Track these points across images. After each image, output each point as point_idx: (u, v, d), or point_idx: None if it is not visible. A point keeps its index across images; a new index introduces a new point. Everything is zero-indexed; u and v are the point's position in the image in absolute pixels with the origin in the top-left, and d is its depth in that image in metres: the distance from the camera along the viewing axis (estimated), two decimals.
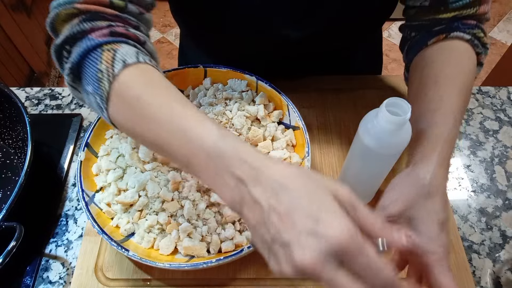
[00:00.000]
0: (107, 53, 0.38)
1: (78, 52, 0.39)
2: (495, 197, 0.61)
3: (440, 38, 0.51)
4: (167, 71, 0.62)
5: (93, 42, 0.38)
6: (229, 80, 0.62)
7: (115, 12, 0.42)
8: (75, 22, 0.39)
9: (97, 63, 0.38)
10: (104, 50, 0.39)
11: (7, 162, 0.64)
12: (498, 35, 2.16)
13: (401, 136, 0.43)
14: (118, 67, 0.38)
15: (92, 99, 0.39)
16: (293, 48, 0.62)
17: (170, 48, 2.11)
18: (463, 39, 0.50)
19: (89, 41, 0.39)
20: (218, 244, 0.50)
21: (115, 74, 0.37)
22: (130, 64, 0.38)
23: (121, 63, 0.38)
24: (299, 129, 0.56)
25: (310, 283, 0.52)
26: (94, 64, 0.38)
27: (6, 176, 0.62)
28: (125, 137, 0.58)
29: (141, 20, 0.45)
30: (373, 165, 0.48)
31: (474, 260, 0.55)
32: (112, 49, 0.39)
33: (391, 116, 0.40)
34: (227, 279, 0.53)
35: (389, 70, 1.99)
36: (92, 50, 0.39)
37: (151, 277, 0.52)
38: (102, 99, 0.38)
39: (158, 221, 0.51)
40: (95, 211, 0.50)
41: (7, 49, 1.56)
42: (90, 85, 0.39)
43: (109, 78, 0.37)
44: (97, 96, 0.38)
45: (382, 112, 0.40)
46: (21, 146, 0.63)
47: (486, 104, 0.73)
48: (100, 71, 0.38)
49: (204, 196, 0.53)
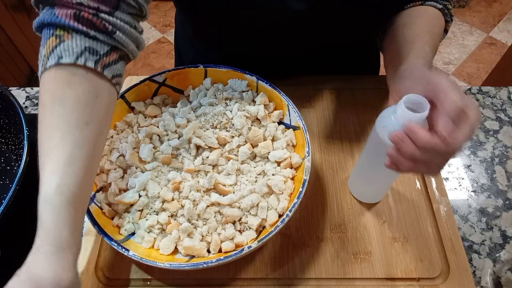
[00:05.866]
0: (53, 40, 0.39)
1: (39, 19, 0.40)
2: (495, 197, 0.61)
3: (415, 4, 0.58)
4: (167, 71, 0.62)
5: (51, 19, 0.39)
6: (229, 80, 0.62)
7: None
8: None
9: (43, 44, 0.40)
10: (53, 35, 0.40)
11: (6, 155, 0.64)
12: (498, 35, 2.16)
13: None
14: (51, 61, 0.39)
15: None
16: (291, 25, 0.60)
17: (170, 48, 2.11)
18: (436, 7, 0.57)
19: (50, 16, 0.39)
20: (218, 244, 0.50)
21: (46, 66, 0.39)
22: (62, 64, 0.39)
23: (55, 58, 0.39)
24: (300, 129, 0.56)
25: (310, 283, 0.52)
26: (42, 42, 0.40)
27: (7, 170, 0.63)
28: (125, 137, 0.58)
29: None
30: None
31: (475, 260, 0.55)
32: (60, 37, 0.39)
33: (410, 112, 0.40)
34: (227, 279, 0.53)
35: None
36: (48, 26, 0.40)
37: (151, 277, 0.52)
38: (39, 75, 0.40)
39: (159, 221, 0.51)
40: (95, 211, 0.50)
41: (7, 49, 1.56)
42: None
43: (42, 66, 0.40)
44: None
45: (400, 108, 0.40)
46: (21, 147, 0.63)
47: (486, 104, 0.73)
48: (40, 54, 0.40)
49: (204, 196, 0.53)
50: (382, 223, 0.57)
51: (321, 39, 0.65)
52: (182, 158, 0.56)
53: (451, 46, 2.13)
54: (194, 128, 0.56)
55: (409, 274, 0.52)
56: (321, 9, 0.57)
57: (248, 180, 0.54)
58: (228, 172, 0.55)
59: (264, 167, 0.56)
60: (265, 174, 0.55)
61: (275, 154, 0.55)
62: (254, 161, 0.57)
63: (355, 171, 0.58)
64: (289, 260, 0.54)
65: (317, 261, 0.54)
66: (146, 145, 0.56)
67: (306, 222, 0.57)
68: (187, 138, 0.56)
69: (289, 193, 0.53)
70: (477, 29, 2.20)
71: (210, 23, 0.64)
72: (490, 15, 2.27)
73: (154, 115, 0.61)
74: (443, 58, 2.07)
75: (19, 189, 0.50)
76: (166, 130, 0.58)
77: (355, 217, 0.57)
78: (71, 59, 0.38)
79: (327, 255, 0.54)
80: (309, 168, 0.52)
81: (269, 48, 0.66)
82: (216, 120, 0.58)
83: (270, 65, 0.65)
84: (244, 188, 0.53)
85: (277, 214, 0.51)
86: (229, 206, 0.52)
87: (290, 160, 0.55)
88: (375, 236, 0.56)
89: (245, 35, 0.64)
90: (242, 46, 0.67)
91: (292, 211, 0.48)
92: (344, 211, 0.58)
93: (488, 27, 2.21)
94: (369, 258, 0.54)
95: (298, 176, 0.54)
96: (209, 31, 0.67)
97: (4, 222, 0.48)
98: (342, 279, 0.52)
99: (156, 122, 0.59)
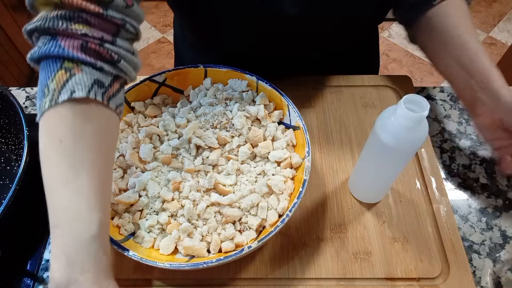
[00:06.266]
0: (62, 73, 0.38)
1: (42, 50, 0.38)
2: (495, 197, 0.61)
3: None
4: (167, 71, 0.62)
5: (58, 51, 0.38)
6: (229, 80, 0.62)
7: (98, 9, 0.39)
8: (52, 15, 0.38)
9: (49, 77, 0.38)
10: (62, 68, 0.38)
11: (6, 155, 0.64)
12: (498, 35, 2.16)
13: (418, 133, 0.43)
14: (63, 96, 0.37)
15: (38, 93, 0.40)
16: (289, 28, 0.60)
17: (170, 48, 2.11)
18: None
19: (55, 47, 0.38)
20: (218, 244, 0.50)
21: (58, 101, 0.37)
22: (76, 98, 0.38)
23: (68, 93, 0.37)
24: (300, 129, 0.56)
25: (310, 283, 0.52)
26: (48, 75, 0.38)
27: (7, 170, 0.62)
28: (125, 137, 0.58)
29: (128, 15, 0.43)
30: (389, 162, 0.48)
31: (475, 260, 0.55)
32: (70, 70, 0.38)
33: (410, 112, 0.40)
34: (227, 279, 0.53)
35: (389, 70, 1.99)
36: (53, 58, 0.38)
37: (151, 277, 0.52)
38: (40, 109, 0.39)
39: (159, 221, 0.51)
40: None
41: (8, 49, 1.56)
42: (39, 87, 0.39)
43: (51, 100, 0.37)
44: (38, 100, 0.39)
45: (400, 108, 0.40)
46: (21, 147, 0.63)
47: None
48: (48, 88, 0.38)
49: (204, 196, 0.53)
50: (382, 223, 0.57)
51: (320, 39, 0.65)
52: (182, 158, 0.56)
53: None
54: (194, 128, 0.56)
55: (409, 274, 0.52)
56: (316, 13, 0.57)
57: (248, 180, 0.54)
58: (228, 172, 0.55)
59: (264, 167, 0.56)
60: (265, 174, 0.55)
61: (275, 154, 0.55)
62: (254, 161, 0.57)
63: (355, 172, 0.58)
64: (289, 260, 0.54)
65: (317, 261, 0.54)
66: (146, 145, 0.56)
67: (306, 222, 0.57)
68: (187, 138, 0.56)
69: (289, 193, 0.53)
70: (477, 29, 2.20)
71: (209, 24, 0.64)
72: (490, 15, 2.27)
73: (154, 115, 0.61)
74: None
75: (19, 189, 0.50)
76: (166, 130, 0.58)
77: (355, 217, 0.57)
78: (84, 93, 0.38)
79: (327, 255, 0.54)
80: (309, 168, 0.52)
81: (268, 48, 0.66)
82: (216, 120, 0.58)
83: (270, 65, 0.65)
84: (244, 188, 0.53)
85: (277, 214, 0.51)
86: (229, 206, 0.52)
87: (290, 160, 0.55)
88: (375, 236, 0.56)
89: (244, 36, 0.64)
90: (242, 46, 0.67)
91: (292, 211, 0.48)
92: (344, 211, 0.58)
93: (488, 27, 2.21)
94: (369, 258, 0.54)
95: (298, 176, 0.54)
96: (209, 32, 0.67)
97: (4, 222, 0.48)
98: (342, 279, 0.52)
99: (156, 122, 0.59)
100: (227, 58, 0.66)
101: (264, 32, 0.62)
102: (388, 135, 0.44)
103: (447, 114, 0.71)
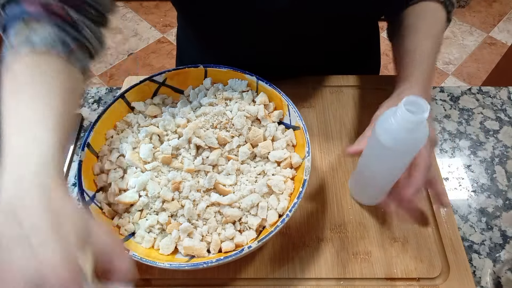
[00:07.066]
0: (23, 27, 0.41)
1: (7, 15, 0.41)
2: (495, 197, 0.61)
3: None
4: (167, 71, 0.62)
5: (21, 12, 0.41)
6: (229, 80, 0.62)
7: None
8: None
9: (14, 33, 0.41)
10: (25, 24, 0.41)
11: None
12: (498, 35, 2.16)
13: (418, 135, 0.43)
14: (24, 46, 0.40)
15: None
16: (289, 28, 0.61)
17: (170, 48, 2.11)
18: (438, 1, 0.62)
19: (19, 10, 0.41)
20: (218, 244, 0.50)
21: (18, 50, 0.40)
22: (37, 50, 0.40)
23: (29, 44, 0.40)
24: (300, 129, 0.56)
25: (310, 283, 0.52)
26: (12, 32, 0.41)
27: None
28: (125, 137, 0.58)
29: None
30: (388, 164, 0.48)
31: (475, 260, 0.55)
32: (32, 27, 0.41)
33: (410, 114, 0.40)
34: (227, 279, 0.53)
35: (389, 70, 1.99)
36: (18, 19, 0.41)
37: (151, 277, 0.52)
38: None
39: (159, 221, 0.51)
40: (95, 211, 0.50)
41: None
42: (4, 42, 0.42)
43: (14, 53, 0.40)
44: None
45: (400, 110, 0.40)
46: None
47: (486, 104, 0.73)
48: (10, 41, 0.41)
49: (204, 196, 0.53)
50: (382, 223, 0.57)
51: (320, 38, 0.65)
52: (182, 158, 0.56)
53: (451, 46, 2.13)
54: (194, 128, 0.56)
55: (409, 274, 0.52)
56: (311, 9, 0.57)
57: (248, 180, 0.54)
58: (228, 172, 0.55)
59: (264, 167, 0.56)
60: (265, 174, 0.55)
61: (275, 154, 0.55)
62: (254, 161, 0.57)
63: (354, 174, 0.58)
64: (289, 260, 0.54)
65: (317, 261, 0.54)
66: (146, 145, 0.56)
67: (306, 222, 0.57)
68: (187, 138, 0.56)
69: (289, 193, 0.53)
70: (477, 29, 2.20)
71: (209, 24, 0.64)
72: (490, 15, 2.27)
73: (154, 115, 0.61)
74: (443, 58, 2.07)
75: None
76: (166, 130, 0.58)
77: (355, 217, 0.57)
78: (45, 47, 0.40)
79: (327, 255, 0.54)
80: (309, 168, 0.52)
81: (268, 48, 0.66)
82: (216, 120, 0.58)
83: (270, 65, 0.65)
84: (244, 188, 0.53)
85: (277, 214, 0.51)
86: (229, 206, 0.52)
87: (290, 160, 0.55)
88: (375, 236, 0.56)
89: (244, 35, 0.64)
90: (242, 46, 0.67)
91: (292, 211, 0.48)
92: (344, 211, 0.58)
93: (488, 27, 2.21)
94: (369, 258, 0.54)
95: (298, 176, 0.54)
96: (209, 32, 0.67)
97: None
98: (342, 279, 0.52)
99: (156, 122, 0.59)
100: (228, 57, 0.66)
101: (264, 32, 0.62)
102: (387, 136, 0.44)
103: (447, 114, 0.71)
